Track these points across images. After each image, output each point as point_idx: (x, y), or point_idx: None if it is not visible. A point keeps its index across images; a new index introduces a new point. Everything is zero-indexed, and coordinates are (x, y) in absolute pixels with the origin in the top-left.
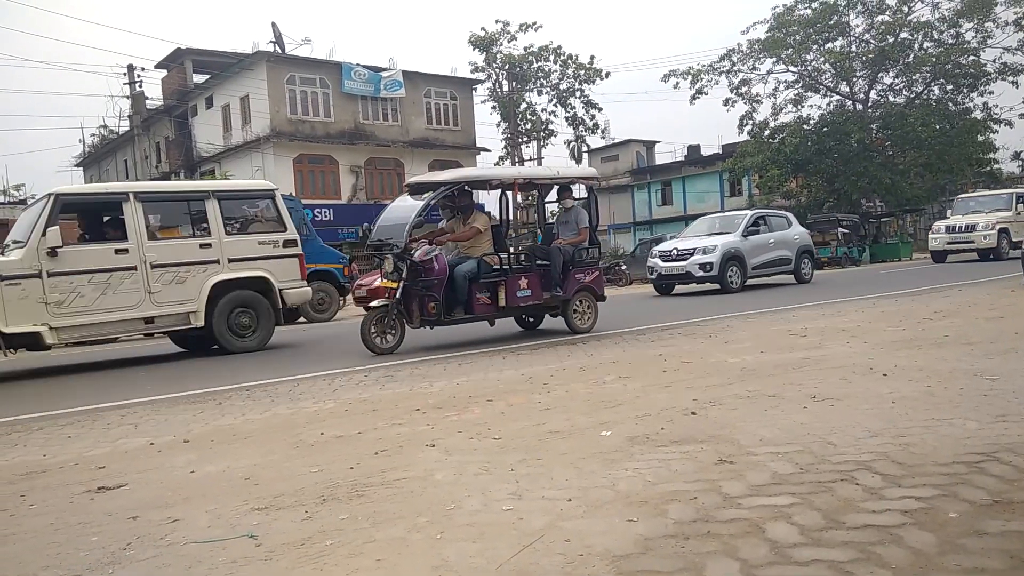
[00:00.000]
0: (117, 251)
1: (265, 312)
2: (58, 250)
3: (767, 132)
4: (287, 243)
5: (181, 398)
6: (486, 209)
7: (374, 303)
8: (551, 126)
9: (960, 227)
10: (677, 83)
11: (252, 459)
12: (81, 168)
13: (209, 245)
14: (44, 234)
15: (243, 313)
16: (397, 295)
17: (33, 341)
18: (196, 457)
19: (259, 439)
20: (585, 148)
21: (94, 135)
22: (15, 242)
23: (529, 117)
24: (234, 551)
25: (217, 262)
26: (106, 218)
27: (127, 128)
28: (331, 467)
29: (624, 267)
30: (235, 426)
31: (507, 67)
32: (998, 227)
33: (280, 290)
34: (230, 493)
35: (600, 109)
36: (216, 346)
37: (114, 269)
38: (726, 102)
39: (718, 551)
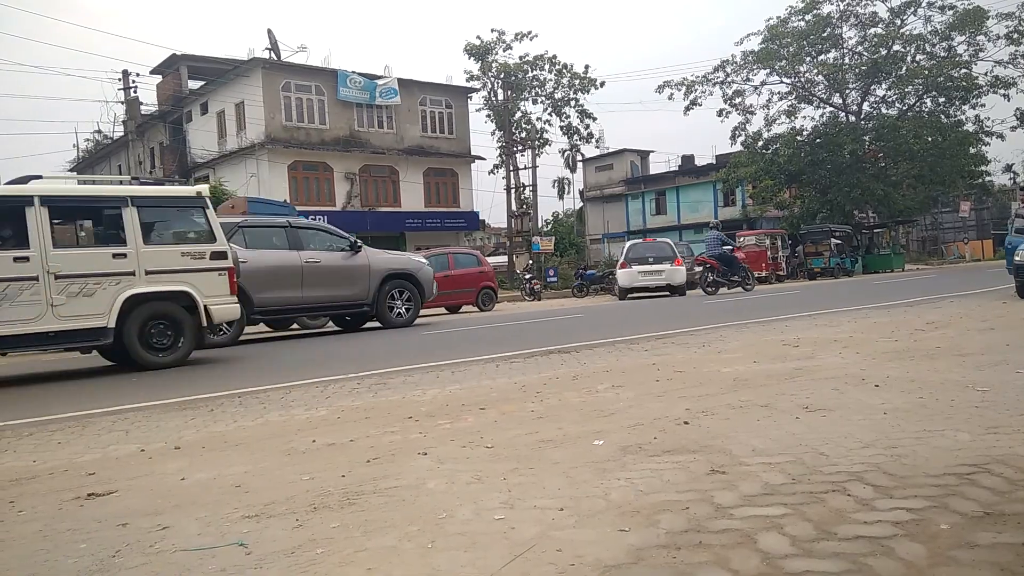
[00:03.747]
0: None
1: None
2: None
3: (760, 143)
4: (215, 255)
5: (173, 404)
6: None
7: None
8: (546, 135)
9: None
10: (671, 94)
11: (243, 466)
12: (75, 173)
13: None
14: None
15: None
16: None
17: None
18: (187, 464)
19: (250, 446)
20: (580, 157)
21: (88, 140)
22: None
23: (524, 126)
24: (224, 559)
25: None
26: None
27: (121, 133)
28: (323, 475)
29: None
30: (226, 433)
31: (502, 76)
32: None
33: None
34: (221, 501)
35: (595, 118)
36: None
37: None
38: (720, 113)
39: (710, 561)
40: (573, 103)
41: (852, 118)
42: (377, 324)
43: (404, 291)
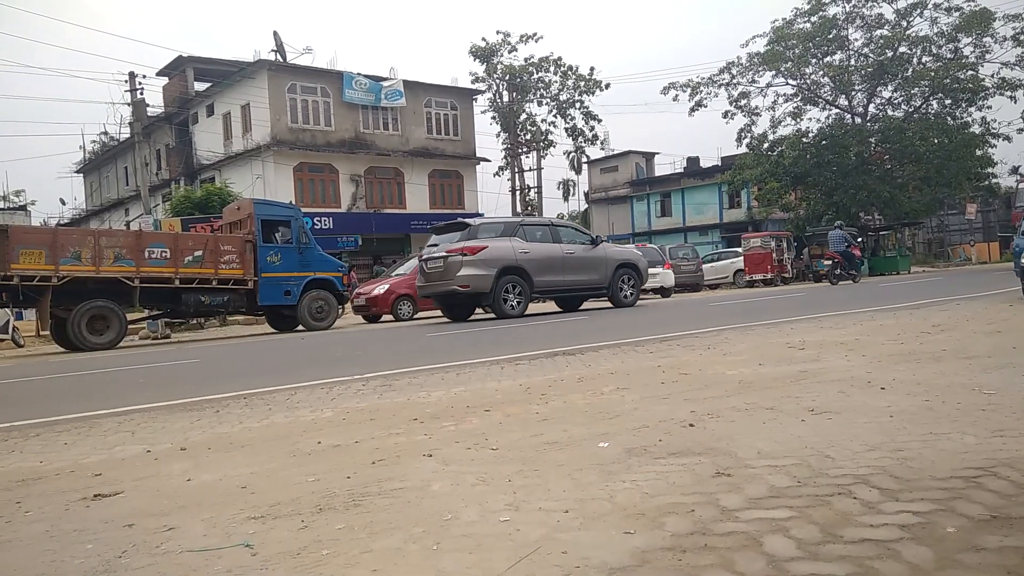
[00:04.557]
0: None
1: None
2: None
3: (766, 145)
4: None
5: (178, 405)
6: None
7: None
8: (551, 137)
9: None
10: (676, 95)
11: (249, 468)
12: (81, 175)
13: None
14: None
15: None
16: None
17: None
18: (192, 465)
19: (256, 448)
20: (584, 159)
21: (95, 142)
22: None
23: (529, 128)
24: (230, 560)
25: None
26: None
27: (128, 135)
28: (328, 476)
29: None
30: (232, 434)
31: (507, 78)
32: None
33: None
34: (226, 502)
35: (599, 120)
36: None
37: None
38: (725, 115)
39: (715, 564)
40: (578, 105)
41: (858, 120)
42: (391, 324)
43: (630, 277)
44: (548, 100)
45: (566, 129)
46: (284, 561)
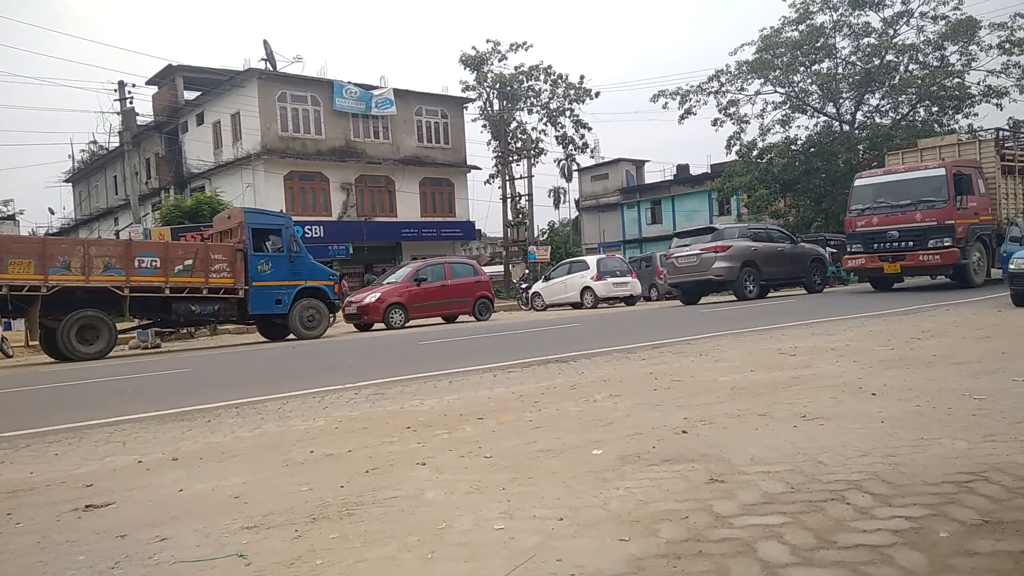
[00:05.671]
0: None
1: None
2: None
3: (755, 152)
4: None
5: (169, 415)
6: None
7: None
8: (541, 145)
9: None
10: (666, 103)
11: (241, 477)
12: (71, 184)
13: None
14: None
15: None
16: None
17: None
18: (185, 475)
19: (248, 457)
20: (575, 167)
21: (84, 151)
22: None
23: (519, 136)
24: (223, 570)
25: None
26: None
27: (117, 144)
28: (321, 485)
29: None
30: (224, 444)
31: (498, 86)
32: None
33: None
34: (219, 511)
35: (590, 128)
36: None
37: None
38: (714, 123)
39: (710, 570)
40: (568, 113)
41: (846, 127)
42: (383, 333)
43: (817, 269)
44: (538, 108)
45: (556, 137)
46: (278, 571)
